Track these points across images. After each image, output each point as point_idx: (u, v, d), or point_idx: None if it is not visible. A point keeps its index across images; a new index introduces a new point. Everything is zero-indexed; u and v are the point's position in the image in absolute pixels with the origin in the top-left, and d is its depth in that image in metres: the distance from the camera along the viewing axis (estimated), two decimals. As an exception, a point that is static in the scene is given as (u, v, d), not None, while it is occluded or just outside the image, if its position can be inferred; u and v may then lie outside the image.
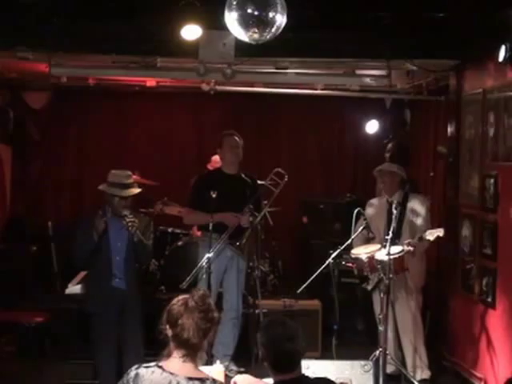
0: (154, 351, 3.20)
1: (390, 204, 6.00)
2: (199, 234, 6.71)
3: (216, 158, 7.24)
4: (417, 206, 6.24)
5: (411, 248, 5.74)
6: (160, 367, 2.96)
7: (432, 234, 5.68)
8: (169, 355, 3.01)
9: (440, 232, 5.65)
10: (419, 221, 6.19)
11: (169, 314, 3.01)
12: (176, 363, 2.96)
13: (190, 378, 2.92)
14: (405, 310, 6.17)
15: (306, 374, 3.25)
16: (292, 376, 3.14)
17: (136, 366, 3.01)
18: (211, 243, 5.85)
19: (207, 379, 2.96)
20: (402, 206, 6.16)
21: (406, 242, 5.78)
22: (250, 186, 6.18)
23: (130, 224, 5.24)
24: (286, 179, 6.17)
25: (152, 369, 2.97)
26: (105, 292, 5.39)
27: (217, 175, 6.35)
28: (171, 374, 2.93)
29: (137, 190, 5.46)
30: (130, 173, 5.52)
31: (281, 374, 3.13)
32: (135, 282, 5.51)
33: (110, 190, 5.37)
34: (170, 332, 2.99)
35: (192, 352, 2.97)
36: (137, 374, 2.98)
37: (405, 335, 6.19)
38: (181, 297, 3.05)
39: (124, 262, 5.41)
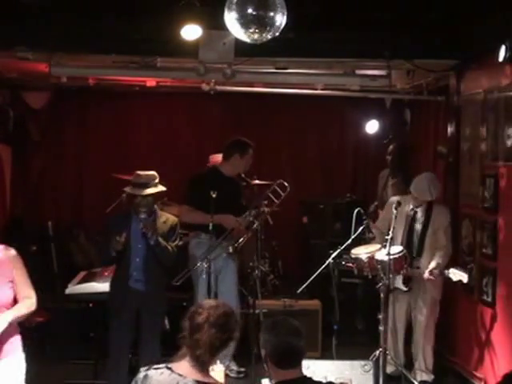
0: (169, 351, 3.19)
1: (415, 212, 6.14)
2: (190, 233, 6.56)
3: (216, 157, 7.22)
4: (441, 219, 6.19)
5: (432, 278, 5.77)
6: (169, 369, 2.97)
7: (455, 275, 5.59)
8: (181, 357, 3.00)
9: (464, 278, 5.53)
10: (441, 238, 6.14)
11: (190, 321, 2.99)
12: (186, 366, 2.96)
13: (198, 382, 2.92)
14: (420, 318, 6.21)
15: (308, 376, 3.23)
16: (294, 375, 3.12)
17: (146, 368, 3.02)
18: (209, 243, 5.85)
19: None
20: (426, 216, 6.16)
21: (429, 269, 5.79)
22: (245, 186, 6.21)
23: (145, 229, 5.31)
24: (287, 190, 6.18)
25: (161, 370, 2.97)
26: (122, 292, 5.45)
27: (215, 174, 6.32)
28: (180, 375, 2.92)
29: (156, 190, 5.50)
30: (152, 173, 5.56)
31: (283, 371, 3.11)
32: (156, 284, 5.49)
33: (130, 190, 5.48)
34: (187, 341, 2.98)
35: (202, 363, 2.97)
36: (146, 376, 2.99)
37: (417, 341, 6.24)
38: (207, 305, 3.03)
39: (143, 263, 5.43)
